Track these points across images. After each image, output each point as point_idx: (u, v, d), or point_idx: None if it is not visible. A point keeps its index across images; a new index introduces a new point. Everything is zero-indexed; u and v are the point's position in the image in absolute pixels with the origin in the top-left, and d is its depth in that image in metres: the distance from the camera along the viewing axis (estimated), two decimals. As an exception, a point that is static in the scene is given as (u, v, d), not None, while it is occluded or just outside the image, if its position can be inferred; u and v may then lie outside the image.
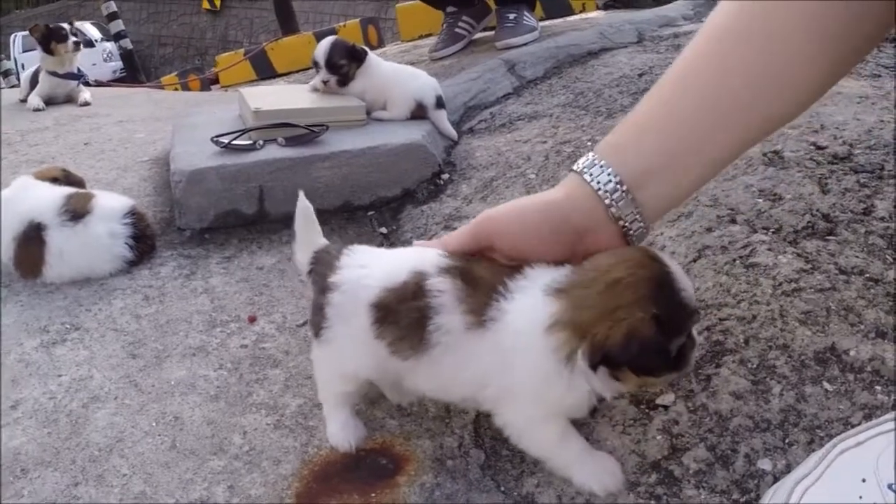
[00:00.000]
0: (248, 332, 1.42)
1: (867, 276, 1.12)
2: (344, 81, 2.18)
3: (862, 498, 0.73)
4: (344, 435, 1.07)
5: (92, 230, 1.67)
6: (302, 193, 1.10)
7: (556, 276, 0.90)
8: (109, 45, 13.53)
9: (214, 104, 3.24)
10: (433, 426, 1.11)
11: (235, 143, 1.90)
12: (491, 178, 1.91)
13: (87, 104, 3.52)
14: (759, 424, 0.96)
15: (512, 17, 3.08)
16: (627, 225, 0.94)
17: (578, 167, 0.96)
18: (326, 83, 2.17)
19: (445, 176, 2.00)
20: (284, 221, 1.83)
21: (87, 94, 3.62)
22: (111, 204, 1.74)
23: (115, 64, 13.65)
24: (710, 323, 1.13)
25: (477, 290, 0.91)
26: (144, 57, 15.18)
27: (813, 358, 1.02)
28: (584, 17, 3.92)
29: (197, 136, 2.05)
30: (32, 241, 1.65)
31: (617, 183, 0.92)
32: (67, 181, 1.85)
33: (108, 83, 6.29)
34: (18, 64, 13.30)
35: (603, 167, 0.93)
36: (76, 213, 1.67)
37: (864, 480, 0.74)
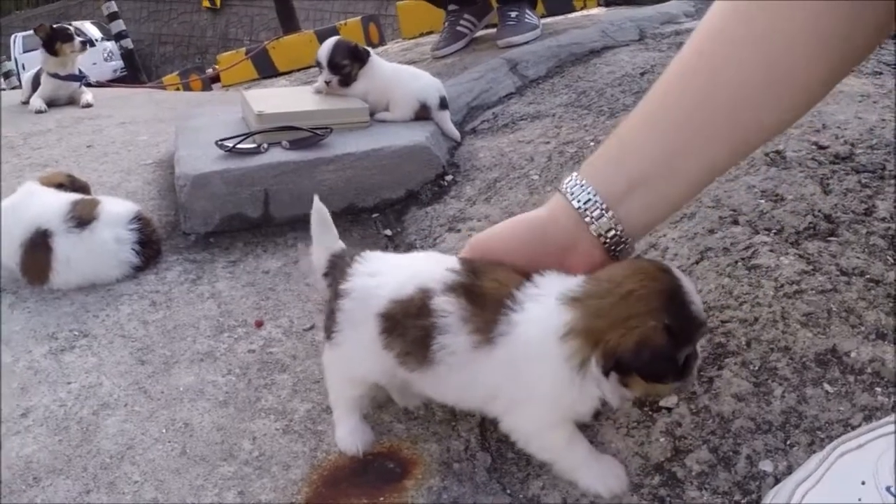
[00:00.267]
0: (255, 336, 1.44)
1: (868, 277, 1.13)
2: (346, 82, 2.19)
3: (861, 500, 0.74)
4: (352, 439, 1.09)
5: (98, 236, 1.68)
6: (317, 197, 1.12)
7: (569, 284, 0.92)
8: (110, 44, 13.52)
9: (216, 105, 3.25)
10: (440, 430, 1.12)
11: (240, 146, 1.91)
12: (494, 179, 1.92)
13: (89, 105, 3.53)
14: (760, 426, 0.97)
15: (514, 14, 3.08)
16: (608, 240, 0.97)
17: (563, 188, 1.00)
18: (329, 83, 2.18)
19: (449, 177, 2.01)
20: (289, 225, 1.84)
21: (89, 95, 3.63)
22: (117, 209, 1.75)
23: (115, 63, 13.64)
24: (712, 325, 1.14)
25: (484, 307, 0.92)
26: (145, 56, 15.17)
27: (814, 360, 1.03)
28: (585, 14, 3.92)
29: (200, 138, 2.06)
30: (39, 247, 1.67)
31: (596, 201, 0.96)
32: (73, 187, 1.87)
33: (108, 83, 6.29)
34: (19, 65, 13.31)
35: (583, 186, 0.98)
36: (82, 219, 1.69)
37: (863, 483, 0.75)
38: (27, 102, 3.63)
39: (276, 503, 1.03)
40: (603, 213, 0.96)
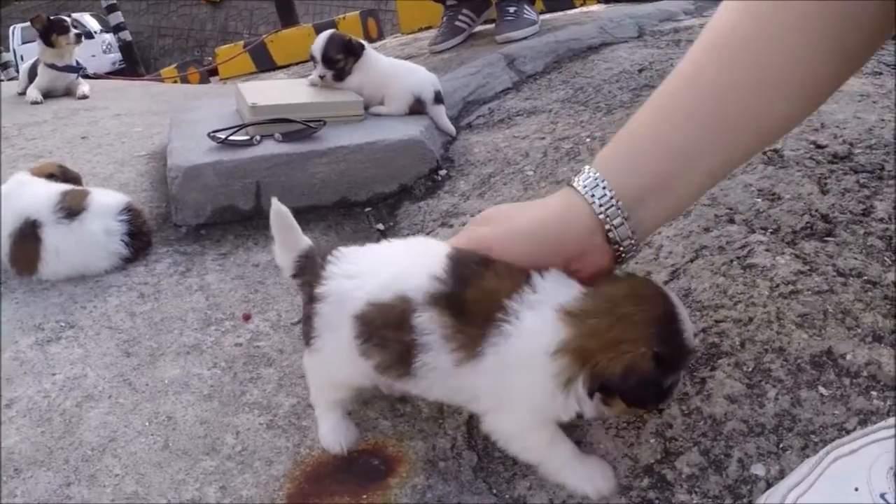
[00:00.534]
0: (242, 330, 1.42)
1: (865, 278, 1.11)
2: (340, 76, 2.17)
3: (854, 507, 0.73)
4: (335, 437, 1.07)
5: (87, 227, 1.66)
6: (275, 199, 1.06)
7: (568, 295, 0.89)
8: (108, 36, 13.50)
9: (212, 97, 3.23)
10: (426, 427, 1.10)
11: (232, 138, 1.89)
12: (489, 174, 1.90)
13: (85, 97, 3.52)
14: (753, 429, 0.95)
15: (512, 10, 3.06)
16: (623, 248, 0.95)
17: (580, 186, 0.94)
18: (323, 78, 2.16)
19: (443, 172, 1.99)
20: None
21: (85, 86, 3.62)
22: (107, 201, 1.73)
23: (114, 55, 13.61)
24: (706, 325, 1.12)
25: (470, 322, 0.89)
26: (143, 48, 15.15)
27: (809, 362, 1.01)
28: (584, 10, 3.90)
29: (194, 131, 2.04)
30: (28, 238, 1.65)
31: (616, 206, 0.93)
32: (64, 177, 1.85)
33: (105, 75, 6.27)
34: (17, 56, 13.27)
35: (605, 188, 0.93)
36: (72, 210, 1.67)
37: (856, 489, 0.73)
38: (24, 93, 3.62)
39: (257, 499, 1.01)
40: (624, 220, 0.93)
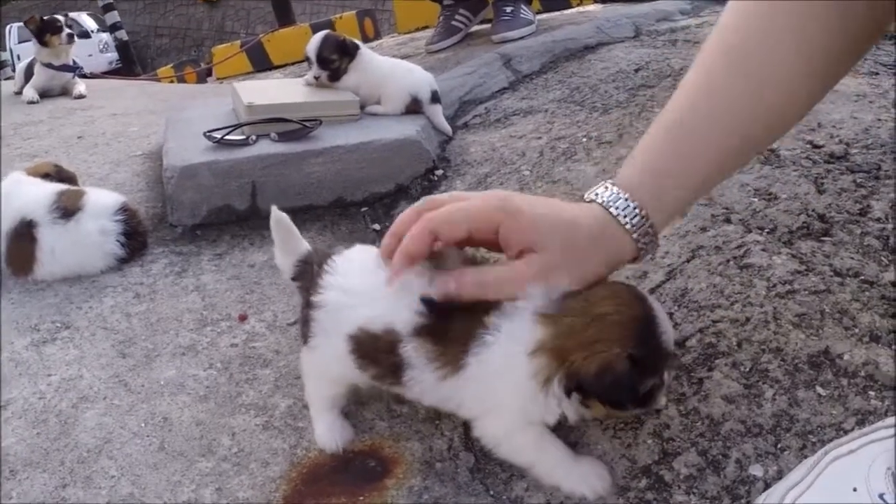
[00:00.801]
0: (238, 330, 1.41)
1: (862, 278, 1.11)
2: (335, 76, 2.16)
3: (852, 507, 0.73)
4: (331, 436, 1.07)
5: (83, 227, 1.65)
6: (275, 207, 1.08)
7: (548, 299, 0.89)
8: (105, 35, 13.48)
9: (209, 97, 3.22)
10: (423, 428, 1.10)
11: (228, 138, 1.89)
12: (485, 174, 1.89)
13: (81, 97, 3.50)
14: (750, 429, 0.95)
15: (509, 10, 3.06)
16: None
17: (618, 213, 0.92)
18: (318, 78, 2.16)
19: (439, 172, 1.98)
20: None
21: (82, 86, 3.60)
22: (102, 201, 1.73)
23: (110, 55, 13.59)
24: (702, 325, 1.12)
25: (450, 345, 0.91)
26: (140, 48, 15.12)
27: (806, 362, 1.01)
28: (581, 10, 3.89)
29: (190, 130, 2.03)
30: (24, 238, 1.64)
31: (649, 228, 0.93)
32: (59, 177, 1.84)
33: (102, 75, 6.25)
34: (14, 55, 13.25)
35: (643, 218, 0.93)
36: (67, 210, 1.66)
37: (855, 489, 0.73)
38: (20, 93, 3.60)
39: (253, 500, 1.01)
40: (653, 240, 0.95)
